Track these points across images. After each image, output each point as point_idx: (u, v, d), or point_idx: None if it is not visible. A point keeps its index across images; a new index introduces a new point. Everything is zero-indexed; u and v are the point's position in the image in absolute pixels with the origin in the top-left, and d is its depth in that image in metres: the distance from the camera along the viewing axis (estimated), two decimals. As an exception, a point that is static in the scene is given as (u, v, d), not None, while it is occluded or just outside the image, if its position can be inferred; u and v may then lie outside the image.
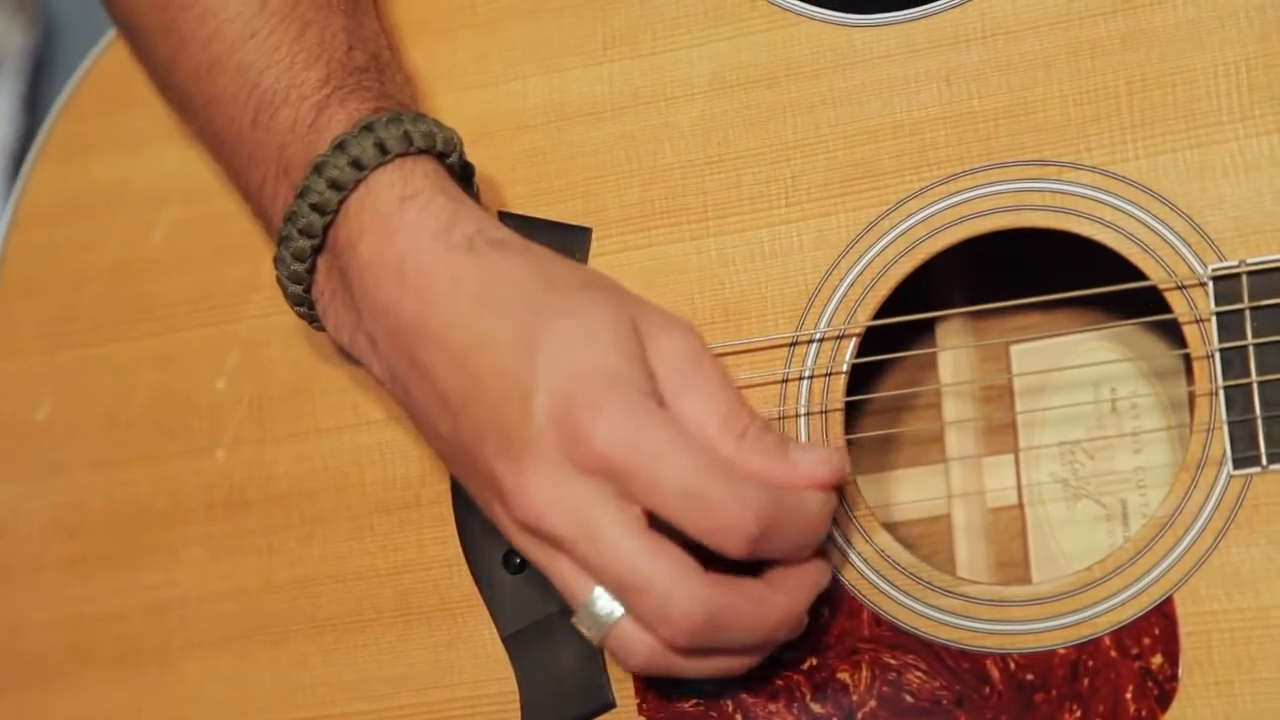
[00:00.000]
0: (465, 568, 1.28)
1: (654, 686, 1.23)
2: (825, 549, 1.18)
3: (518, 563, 1.26)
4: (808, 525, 1.13)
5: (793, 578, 1.15)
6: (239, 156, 1.24)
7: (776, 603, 1.14)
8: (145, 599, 1.34)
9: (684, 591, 1.10)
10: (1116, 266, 1.19)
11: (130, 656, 1.34)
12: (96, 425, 1.37)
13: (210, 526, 1.33)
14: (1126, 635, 1.15)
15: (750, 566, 1.14)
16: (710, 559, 1.12)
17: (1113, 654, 1.15)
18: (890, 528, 1.23)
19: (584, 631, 1.14)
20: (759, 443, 1.13)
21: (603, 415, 1.09)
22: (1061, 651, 1.16)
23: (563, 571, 1.13)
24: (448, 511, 1.28)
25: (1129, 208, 1.17)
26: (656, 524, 1.12)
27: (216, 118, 1.25)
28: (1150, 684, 1.15)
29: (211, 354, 1.35)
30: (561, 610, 1.25)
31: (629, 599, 1.11)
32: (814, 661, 1.21)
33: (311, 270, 1.22)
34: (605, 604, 1.12)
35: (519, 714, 1.25)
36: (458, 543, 1.28)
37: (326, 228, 1.20)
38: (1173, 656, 1.14)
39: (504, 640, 1.26)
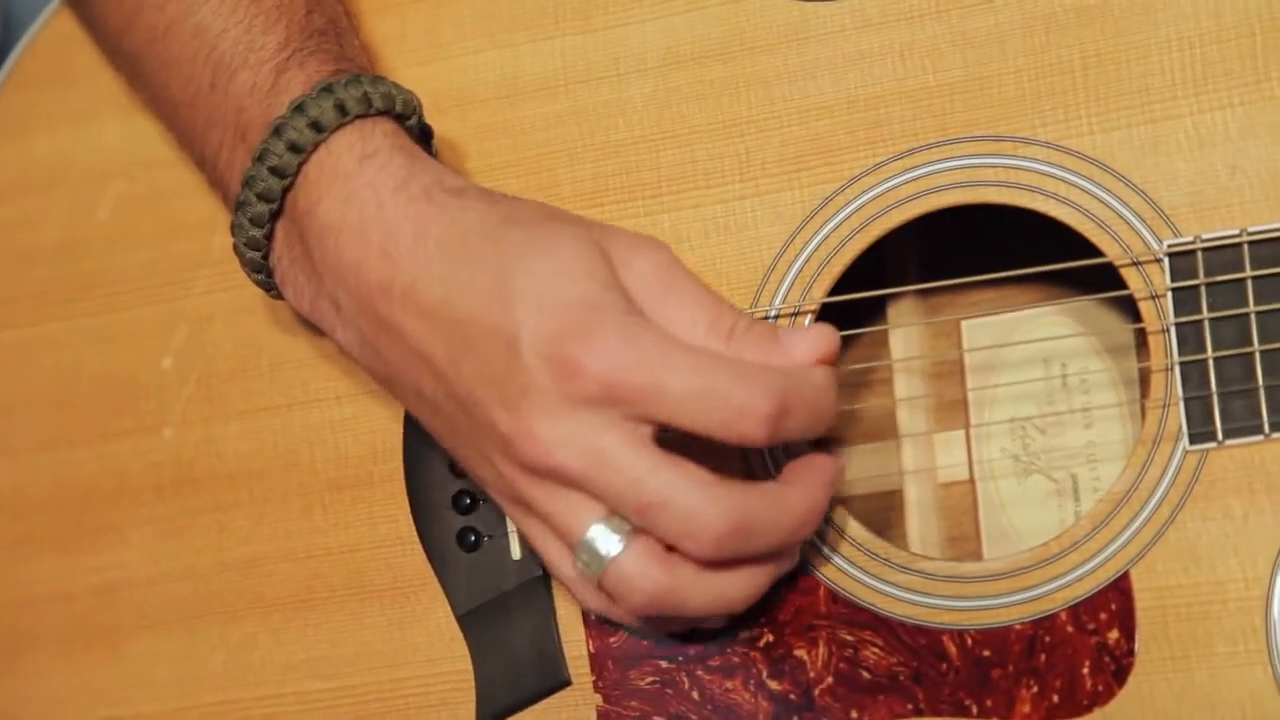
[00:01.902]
0: (418, 546, 1.27)
1: (610, 664, 1.22)
2: (836, 450, 1.17)
3: (472, 540, 1.26)
4: (818, 396, 1.12)
5: (807, 473, 1.14)
6: (195, 121, 1.23)
7: (795, 499, 1.13)
8: (93, 580, 1.33)
9: (707, 501, 1.09)
10: (1072, 242, 1.19)
11: (78, 638, 1.33)
12: (41, 406, 1.36)
13: (158, 506, 1.32)
14: (1083, 611, 1.16)
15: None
16: (720, 474, 1.11)
17: (1069, 629, 1.16)
18: (843, 503, 1.23)
19: (582, 570, 1.12)
20: (750, 336, 1.12)
21: (592, 342, 1.09)
22: (1018, 627, 1.17)
23: (564, 510, 1.11)
24: (400, 489, 1.28)
25: (1084, 183, 1.17)
26: (665, 446, 1.11)
27: (172, 82, 1.23)
28: (1107, 659, 1.15)
29: (158, 332, 1.34)
30: (518, 587, 1.24)
31: (652, 519, 1.10)
32: (770, 638, 1.20)
33: (270, 236, 1.21)
34: (605, 539, 1.11)
35: (473, 693, 1.25)
36: (410, 521, 1.27)
37: (285, 191, 1.18)
38: (1129, 631, 1.15)
39: (458, 619, 1.25)
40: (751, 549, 1.12)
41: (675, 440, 1.11)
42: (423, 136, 1.22)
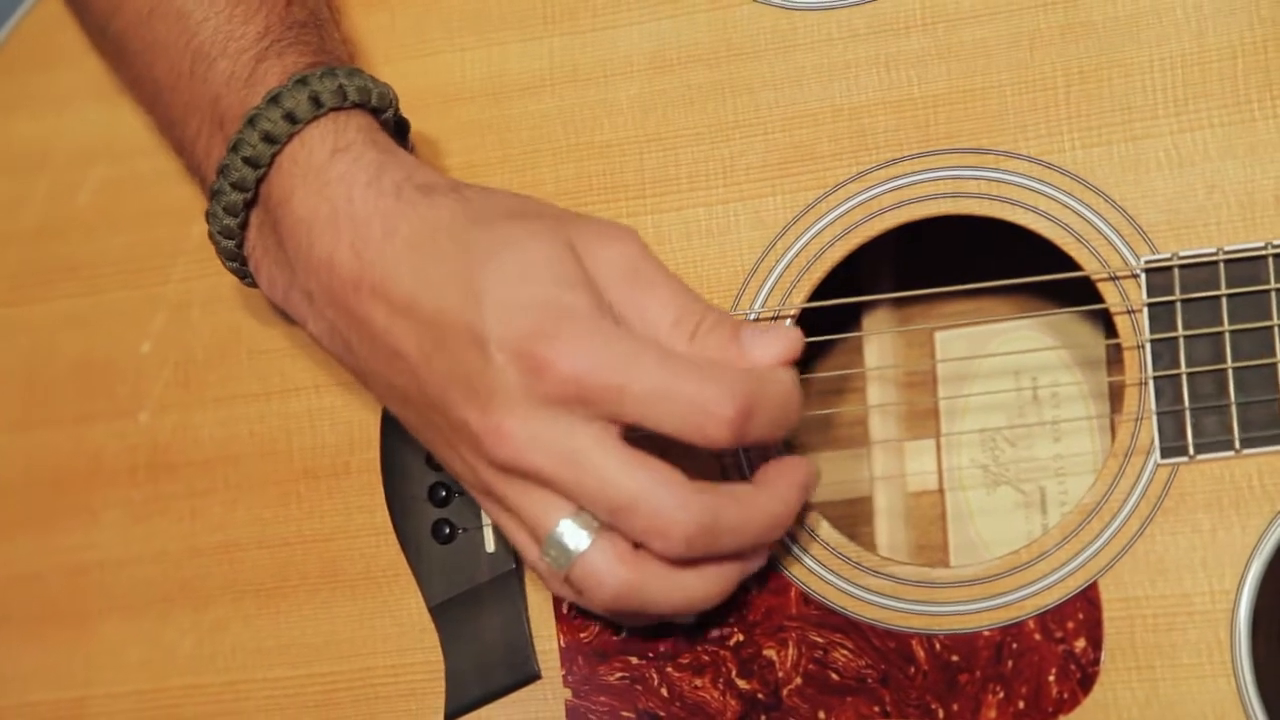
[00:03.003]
0: (393, 537, 1.27)
1: (580, 659, 1.23)
2: (799, 433, 1.18)
3: (446, 533, 1.26)
4: (784, 398, 1.13)
5: (778, 474, 1.15)
6: (175, 107, 1.24)
7: (766, 501, 1.14)
8: (64, 561, 1.33)
9: (675, 500, 1.10)
10: (1050, 255, 1.20)
11: (48, 618, 1.33)
12: (16, 387, 1.36)
13: (132, 490, 1.33)
14: (1051, 619, 1.17)
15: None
16: (693, 474, 1.12)
17: (1037, 637, 1.17)
18: (814, 507, 1.24)
19: (550, 564, 1.13)
20: (712, 336, 1.12)
21: (559, 342, 1.09)
22: (986, 633, 1.18)
23: (533, 505, 1.12)
24: (376, 480, 1.28)
25: (1064, 198, 1.19)
26: (635, 444, 1.11)
27: (155, 65, 1.24)
28: (1073, 667, 1.16)
29: (136, 316, 1.34)
30: (491, 580, 1.25)
31: (620, 518, 1.11)
32: (741, 638, 1.22)
33: (244, 225, 1.21)
34: (573, 534, 1.12)
35: (443, 684, 1.25)
36: (386, 511, 1.28)
37: (259, 181, 1.19)
38: (1096, 641, 1.16)
39: (430, 610, 1.26)
40: (720, 549, 1.13)
41: (650, 440, 1.12)
42: (399, 130, 1.22)
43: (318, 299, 1.18)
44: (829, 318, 1.28)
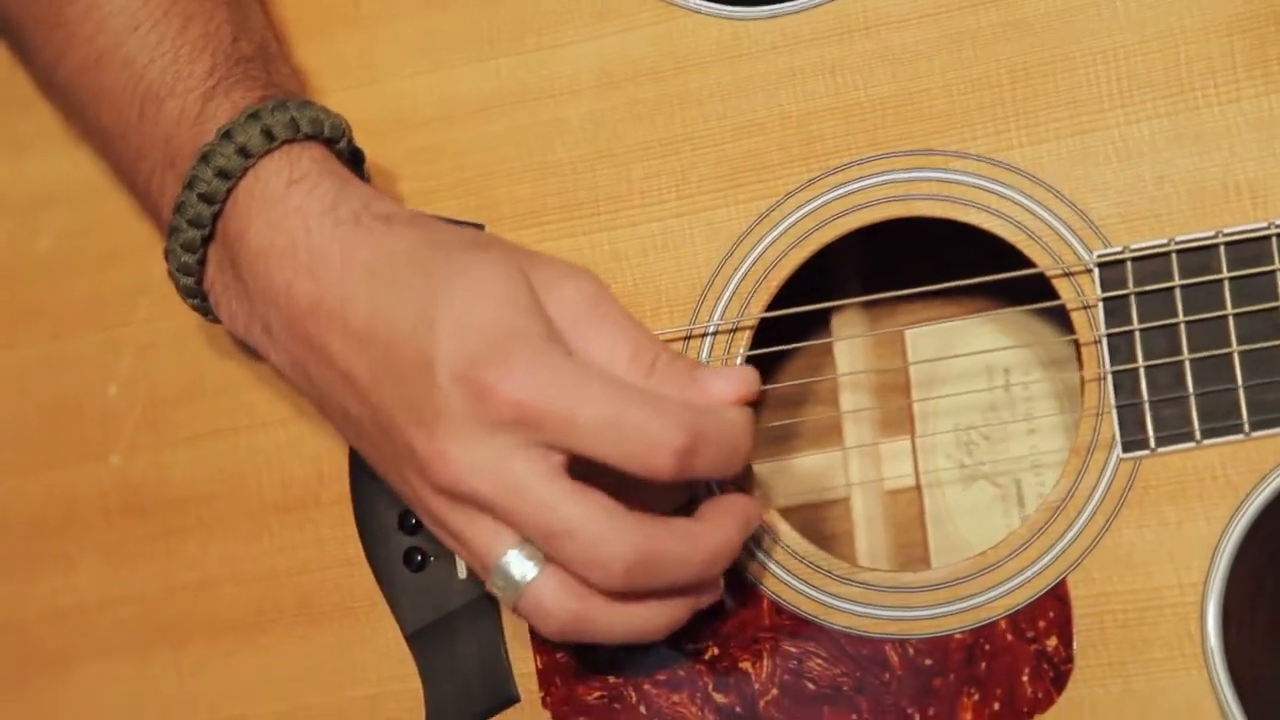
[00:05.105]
0: (366, 567, 1.27)
1: (558, 680, 1.23)
2: (754, 489, 1.18)
3: (419, 560, 1.26)
4: (732, 436, 1.12)
5: (721, 511, 1.15)
6: (127, 152, 1.24)
7: (707, 537, 1.13)
8: (42, 607, 1.33)
9: (613, 532, 1.09)
10: (1006, 254, 1.20)
11: (29, 664, 1.33)
12: (-15, 433, 1.36)
13: (107, 533, 1.33)
14: (1022, 619, 1.17)
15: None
16: (636, 507, 1.11)
17: (1009, 638, 1.17)
18: (790, 514, 1.24)
19: (498, 594, 1.12)
20: (669, 371, 1.12)
21: (506, 366, 1.09)
22: (958, 636, 1.18)
23: (480, 535, 1.12)
24: (348, 511, 1.28)
25: (1015, 195, 1.18)
26: (579, 475, 1.11)
27: (103, 113, 1.24)
28: (1046, 666, 1.16)
29: (103, 359, 1.34)
30: (465, 606, 1.25)
31: (558, 548, 1.10)
32: (715, 651, 1.21)
33: (203, 262, 1.21)
34: (519, 565, 1.11)
35: (423, 712, 1.25)
36: (358, 542, 1.28)
37: (215, 217, 1.19)
38: (1067, 639, 1.16)
39: (407, 639, 1.26)
40: (661, 583, 1.12)
41: (598, 472, 1.11)
42: (353, 160, 1.22)
43: (276, 329, 1.18)
44: (797, 323, 1.28)
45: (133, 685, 1.31)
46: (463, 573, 1.26)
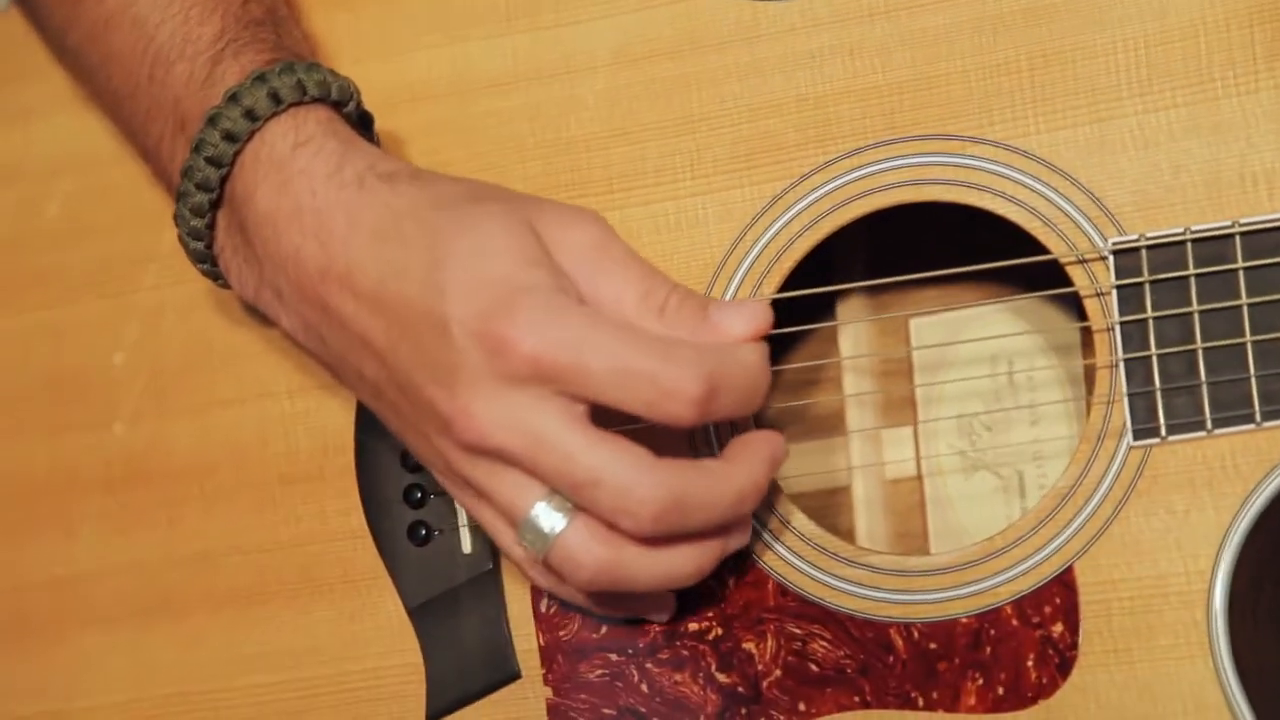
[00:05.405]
0: (370, 540, 1.27)
1: (560, 657, 1.23)
2: (775, 424, 1.18)
3: (423, 534, 1.26)
4: (749, 376, 1.12)
5: (748, 450, 1.14)
6: (136, 114, 1.23)
7: (735, 477, 1.12)
8: (42, 573, 1.33)
9: (641, 477, 1.09)
10: (1019, 240, 1.20)
11: (28, 630, 1.33)
12: (-12, 399, 1.36)
13: (108, 501, 1.32)
14: (1028, 604, 1.17)
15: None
16: (660, 452, 1.11)
17: (1014, 623, 1.17)
18: (791, 499, 1.24)
19: (528, 548, 1.12)
20: (680, 313, 1.12)
21: (519, 320, 1.09)
22: (964, 621, 1.18)
23: (506, 489, 1.11)
24: (352, 484, 1.28)
25: (1031, 182, 1.19)
26: (603, 423, 1.11)
27: (114, 75, 1.24)
28: (1051, 652, 1.16)
29: (109, 326, 1.34)
30: (468, 581, 1.25)
31: (586, 497, 1.10)
32: (719, 631, 1.21)
33: (211, 226, 1.21)
34: (548, 517, 1.11)
35: (424, 686, 1.25)
36: (362, 515, 1.28)
37: (223, 180, 1.19)
38: (1073, 625, 1.16)
39: (409, 612, 1.26)
40: (691, 525, 1.12)
41: (618, 419, 1.11)
42: (362, 123, 1.22)
43: (287, 294, 1.18)
44: (802, 308, 1.28)
45: (131, 653, 1.31)
46: (467, 548, 1.26)
